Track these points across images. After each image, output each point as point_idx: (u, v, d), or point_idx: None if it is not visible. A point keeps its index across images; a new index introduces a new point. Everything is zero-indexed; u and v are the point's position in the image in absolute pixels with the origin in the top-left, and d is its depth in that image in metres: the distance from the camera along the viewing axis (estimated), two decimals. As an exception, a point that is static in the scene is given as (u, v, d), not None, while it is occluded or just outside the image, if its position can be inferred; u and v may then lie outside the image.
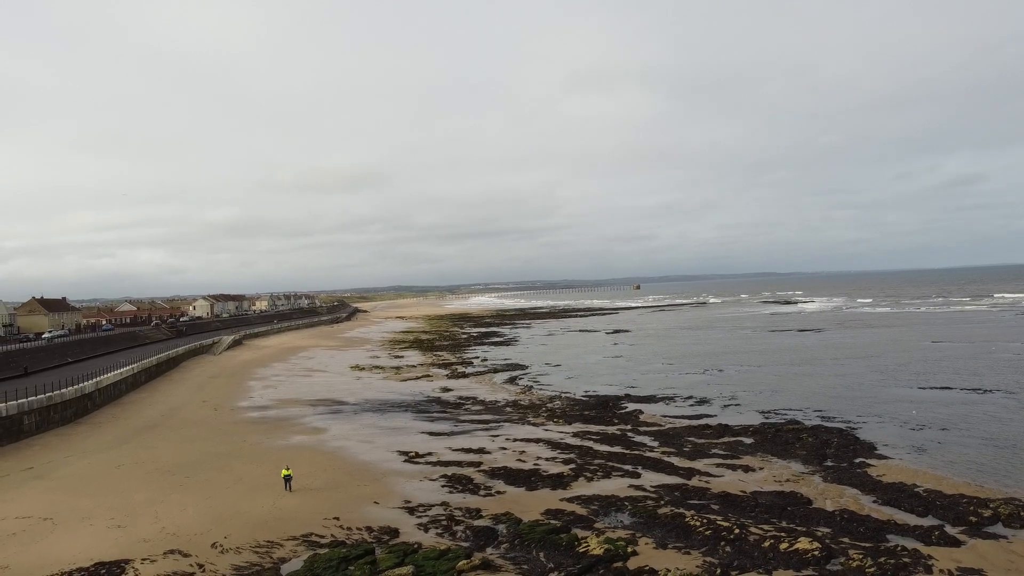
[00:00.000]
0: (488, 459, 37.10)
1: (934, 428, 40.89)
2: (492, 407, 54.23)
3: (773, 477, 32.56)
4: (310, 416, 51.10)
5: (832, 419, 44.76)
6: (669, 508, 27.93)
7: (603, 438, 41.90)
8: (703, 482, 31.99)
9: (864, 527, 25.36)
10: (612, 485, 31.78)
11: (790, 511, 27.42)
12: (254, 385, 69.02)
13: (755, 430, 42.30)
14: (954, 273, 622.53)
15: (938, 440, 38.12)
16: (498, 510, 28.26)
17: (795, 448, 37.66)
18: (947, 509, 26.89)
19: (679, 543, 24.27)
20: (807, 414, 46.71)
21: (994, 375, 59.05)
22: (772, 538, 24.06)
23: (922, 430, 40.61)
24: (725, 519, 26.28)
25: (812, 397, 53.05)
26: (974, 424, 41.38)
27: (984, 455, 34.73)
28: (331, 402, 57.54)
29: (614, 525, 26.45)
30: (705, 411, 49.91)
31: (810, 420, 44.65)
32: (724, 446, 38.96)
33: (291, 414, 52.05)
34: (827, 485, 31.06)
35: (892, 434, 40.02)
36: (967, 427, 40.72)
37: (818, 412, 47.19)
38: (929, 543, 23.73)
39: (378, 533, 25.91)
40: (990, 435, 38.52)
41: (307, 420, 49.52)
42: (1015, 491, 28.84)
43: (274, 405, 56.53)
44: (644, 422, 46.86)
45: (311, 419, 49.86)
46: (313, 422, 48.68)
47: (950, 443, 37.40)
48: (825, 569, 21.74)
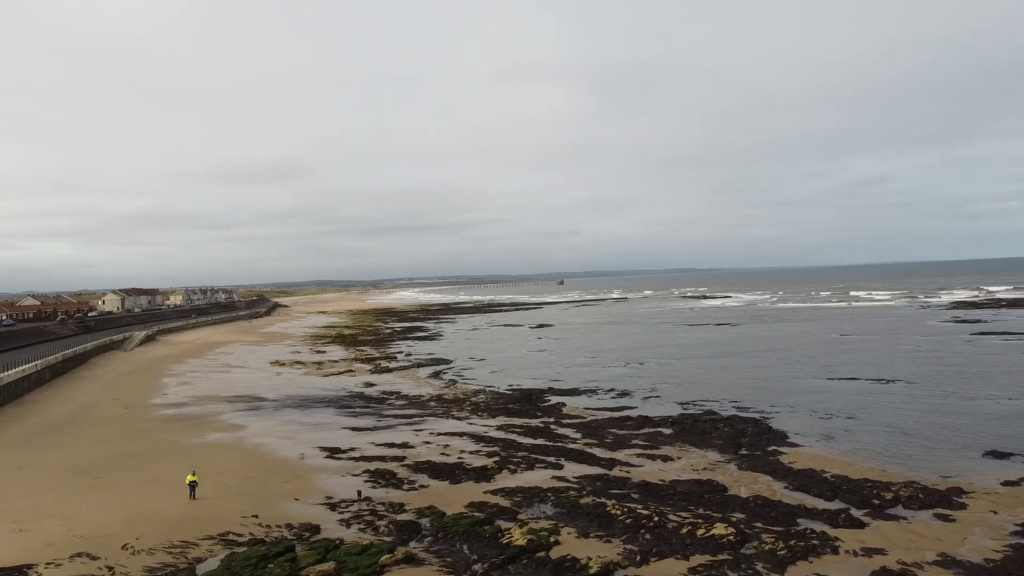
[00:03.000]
0: (412, 453, 36.91)
1: (841, 416, 42.76)
2: (416, 402, 53.95)
3: (691, 466, 33.47)
4: (228, 413, 49.73)
5: (747, 409, 46.28)
6: (591, 498, 28.39)
7: (527, 431, 42.24)
8: (624, 472, 32.62)
9: (776, 512, 26.34)
10: (535, 477, 32.09)
11: (707, 498, 28.25)
12: (169, 382, 66.71)
13: (674, 421, 43.37)
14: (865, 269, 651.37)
15: (845, 428, 39.89)
16: (422, 504, 28.17)
17: (712, 438, 38.79)
18: (853, 493, 28.19)
19: (601, 532, 24.70)
20: (723, 405, 48.14)
21: (896, 366, 62.14)
22: (690, 525, 24.75)
23: (830, 418, 42.42)
24: (645, 507, 26.88)
25: (728, 388, 54.71)
26: (878, 412, 43.47)
27: (887, 441, 36.54)
28: (250, 398, 56.14)
29: (537, 516, 26.72)
30: (626, 403, 50.87)
31: (726, 410, 46.05)
32: (644, 437, 39.81)
33: (208, 411, 50.55)
34: (742, 473, 32.12)
35: (803, 423, 41.65)
36: (871, 415, 42.74)
37: (734, 403, 48.71)
38: (836, 525, 24.83)
39: (299, 530, 25.46)
40: (892, 422, 40.53)
41: (225, 417, 48.19)
42: (914, 475, 30.44)
43: (190, 402, 54.78)
44: (567, 415, 47.45)
45: (229, 416, 48.54)
46: (232, 419, 47.41)
47: (856, 430, 39.19)
48: (739, 553, 22.48)
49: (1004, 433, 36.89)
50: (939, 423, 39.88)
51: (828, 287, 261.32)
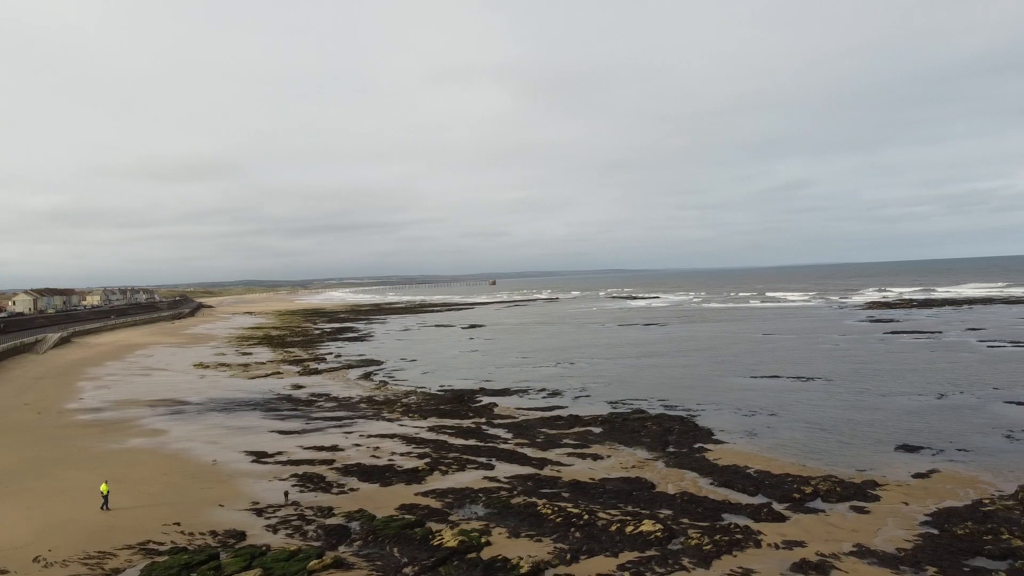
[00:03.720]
0: (341, 456, 36.40)
1: (764, 414, 44.08)
2: (346, 403, 53.22)
3: (620, 464, 33.98)
4: (149, 417, 48.07)
5: (674, 407, 47.25)
6: (522, 498, 28.53)
7: (458, 431, 42.16)
8: (555, 471, 32.89)
9: (702, 508, 26.98)
10: (467, 477, 32.06)
11: (635, 495, 28.73)
12: (85, 386, 64.05)
13: (604, 420, 43.96)
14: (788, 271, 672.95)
15: (767, 425, 41.13)
16: (351, 507, 27.81)
17: (641, 436, 39.47)
18: (775, 488, 29.09)
19: (532, 531, 24.85)
20: (652, 403, 49.02)
21: (815, 364, 64.42)
22: (619, 522, 25.12)
23: (753, 416, 43.67)
24: (575, 506, 27.17)
25: (656, 387, 55.75)
26: (798, 409, 44.97)
27: (806, 437, 37.83)
28: (173, 402, 54.39)
29: (469, 517, 26.70)
30: (557, 403, 51.30)
31: (654, 409, 46.91)
32: (575, 436, 40.22)
33: (128, 416, 48.75)
34: (669, 470, 32.78)
35: (728, 420, 42.76)
36: (792, 412, 44.19)
37: (662, 401, 49.66)
38: (759, 520, 25.60)
39: (223, 537, 24.79)
40: (811, 419, 41.99)
41: (146, 421, 46.56)
42: (832, 469, 31.61)
43: (108, 407, 52.72)
44: (499, 415, 47.57)
45: (150, 420, 46.93)
46: (152, 423, 45.84)
47: (777, 427, 40.46)
48: (667, 549, 22.94)
49: (914, 428, 38.66)
50: (855, 419, 41.50)
51: (751, 288, 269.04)
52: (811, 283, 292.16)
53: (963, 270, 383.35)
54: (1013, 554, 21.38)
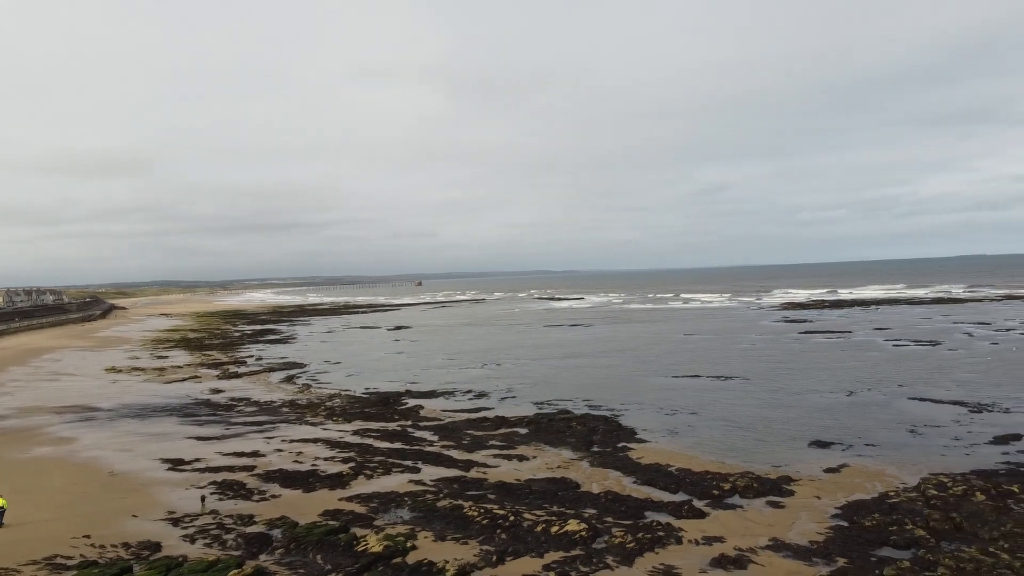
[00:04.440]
0: (263, 462, 35.54)
1: (685, 413, 45.15)
2: (267, 407, 52.00)
3: (546, 464, 34.26)
4: (57, 425, 45.89)
5: (599, 407, 47.93)
6: (448, 500, 28.44)
7: (383, 435, 41.73)
8: (481, 473, 32.92)
9: (625, 506, 27.46)
10: (392, 481, 31.76)
11: (561, 495, 29.02)
12: (-14, 392, 60.66)
13: (530, 420, 44.24)
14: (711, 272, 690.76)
15: (688, 423, 42.15)
16: (273, 514, 27.19)
17: (566, 436, 39.89)
18: (695, 485, 29.84)
19: (458, 534, 24.80)
20: (577, 404, 49.60)
21: (733, 364, 66.37)
22: (544, 522, 25.33)
23: (675, 415, 44.69)
24: (501, 507, 27.25)
25: (581, 388, 56.44)
26: (717, 408, 46.24)
27: (725, 435, 38.93)
28: (83, 408, 52.07)
29: (394, 521, 26.47)
30: (483, 404, 51.36)
31: (579, 409, 47.48)
32: (501, 437, 40.35)
33: (33, 423, 46.42)
34: (594, 469, 33.24)
35: (650, 419, 43.63)
36: (712, 411, 45.40)
37: (586, 401, 50.30)
38: (680, 516, 26.22)
39: (137, 549, 23.88)
40: (730, 417, 43.24)
41: (53, 429, 44.42)
42: (749, 465, 32.63)
43: (12, 414, 50.09)
44: (424, 417, 47.31)
45: (58, 428, 44.81)
46: (60, 431, 43.78)
47: (698, 426, 41.51)
48: (591, 548, 23.25)
49: (826, 424, 40.26)
50: (771, 417, 42.95)
51: (674, 289, 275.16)
52: (730, 284, 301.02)
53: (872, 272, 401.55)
54: (916, 543, 22.50)
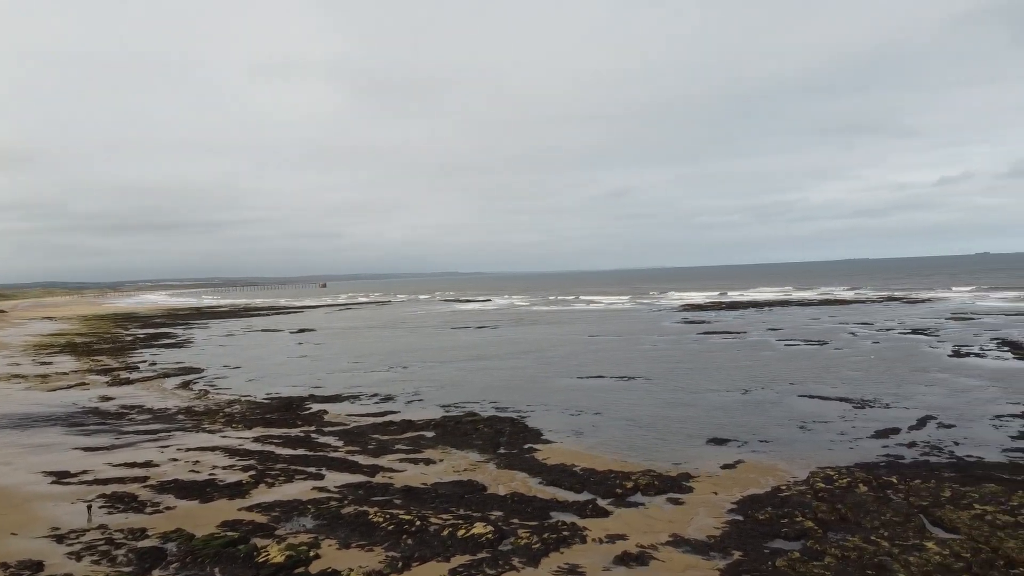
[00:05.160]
0: (156, 472, 34.03)
1: (589, 413, 45.97)
2: (162, 415, 49.83)
3: (452, 468, 34.22)
4: (-76, 438, 42.57)
5: (506, 409, 48.23)
6: (353, 507, 28.00)
7: (286, 441, 40.70)
8: (387, 478, 32.57)
9: (531, 507, 27.73)
10: (295, 489, 31.02)
11: (467, 498, 29.04)
12: None
13: (437, 423, 44.08)
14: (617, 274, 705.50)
15: (593, 424, 42.95)
16: (167, 527, 26.07)
17: (473, 438, 39.95)
18: (599, 484, 30.44)
19: (362, 541, 24.45)
20: (484, 406, 49.75)
21: (636, 364, 68.05)
22: (451, 526, 25.29)
23: (580, 415, 45.45)
24: (407, 512, 27.04)
25: (488, 390, 56.65)
26: (620, 408, 47.29)
27: (628, 434, 39.88)
28: (-46, 420, 48.47)
29: (297, 530, 25.85)
30: (390, 408, 50.83)
31: (486, 411, 47.64)
32: (407, 441, 40.04)
33: None
34: (500, 471, 33.42)
35: (556, 420, 44.23)
36: (615, 411, 46.40)
37: (493, 403, 50.52)
38: (584, 516, 26.68)
39: (16, 569, 22.42)
40: (633, 416, 44.31)
41: (-80, 443, 41.18)
42: (651, 464, 33.53)
43: None
44: (329, 422, 46.41)
45: (-74, 441, 41.57)
46: (-72, 445, 40.63)
47: (602, 425, 42.35)
48: (497, 550, 23.37)
49: (722, 422, 41.80)
50: (671, 415, 44.25)
51: (580, 291, 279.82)
52: (633, 287, 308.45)
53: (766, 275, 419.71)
54: (805, 534, 23.67)
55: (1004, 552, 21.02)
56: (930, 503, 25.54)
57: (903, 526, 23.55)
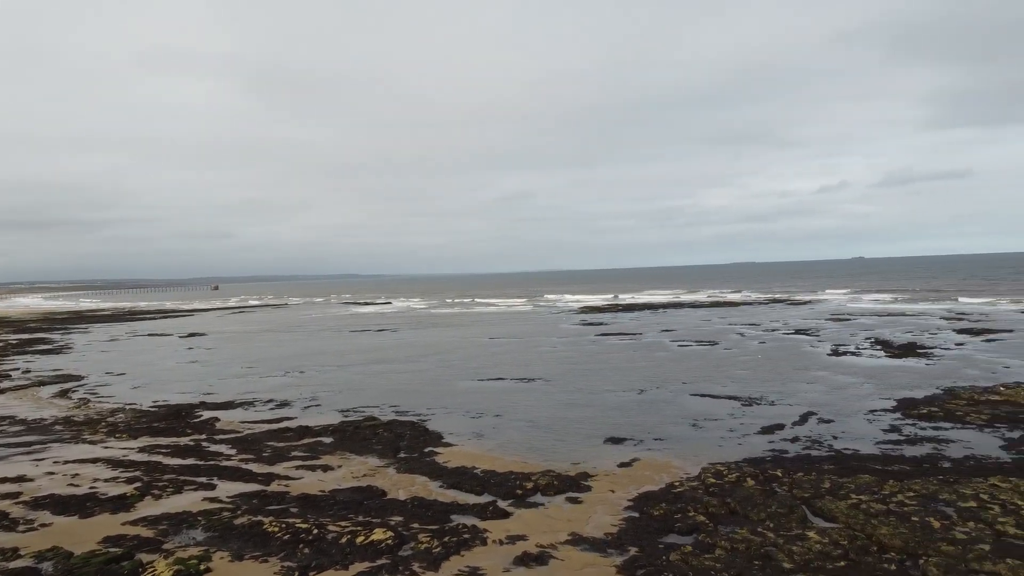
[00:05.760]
0: (30, 488, 31.93)
1: (490, 415, 46.17)
2: (37, 426, 46.77)
3: (351, 473, 33.65)
4: None
5: (406, 413, 47.82)
6: (247, 517, 27.12)
7: (175, 450, 38.97)
8: (283, 486, 31.71)
9: (432, 511, 27.61)
10: (184, 500, 29.76)
11: (367, 504, 28.63)
12: None
13: (335, 429, 43.25)
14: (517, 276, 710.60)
15: (493, 425, 43.15)
16: (43, 545, 24.50)
17: (372, 443, 39.41)
18: (499, 486, 30.61)
19: (257, 552, 23.72)
20: (383, 410, 49.17)
21: (535, 366, 68.82)
22: (349, 533, 24.86)
23: (481, 417, 45.58)
24: (304, 521, 26.41)
25: (389, 393, 56.02)
26: (520, 409, 47.72)
27: (528, 435, 40.28)
28: None
29: (186, 543, 24.80)
30: (286, 414, 49.50)
31: (386, 415, 47.11)
32: (305, 447, 39.10)
33: None
34: (400, 475, 33.12)
35: (457, 423, 44.19)
36: (515, 412, 46.79)
37: (393, 407, 50.00)
38: (485, 518, 26.77)
39: None
40: (533, 418, 44.79)
41: None
42: (550, 464, 33.98)
43: None
44: (221, 430, 44.75)
45: None
46: None
47: (502, 427, 42.62)
48: (397, 556, 23.15)
49: (619, 422, 42.83)
50: (570, 416, 44.99)
51: (481, 293, 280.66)
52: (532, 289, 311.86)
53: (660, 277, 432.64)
54: (697, 528, 24.54)
55: (877, 538, 22.45)
56: (811, 494, 26.98)
57: (787, 517, 24.78)
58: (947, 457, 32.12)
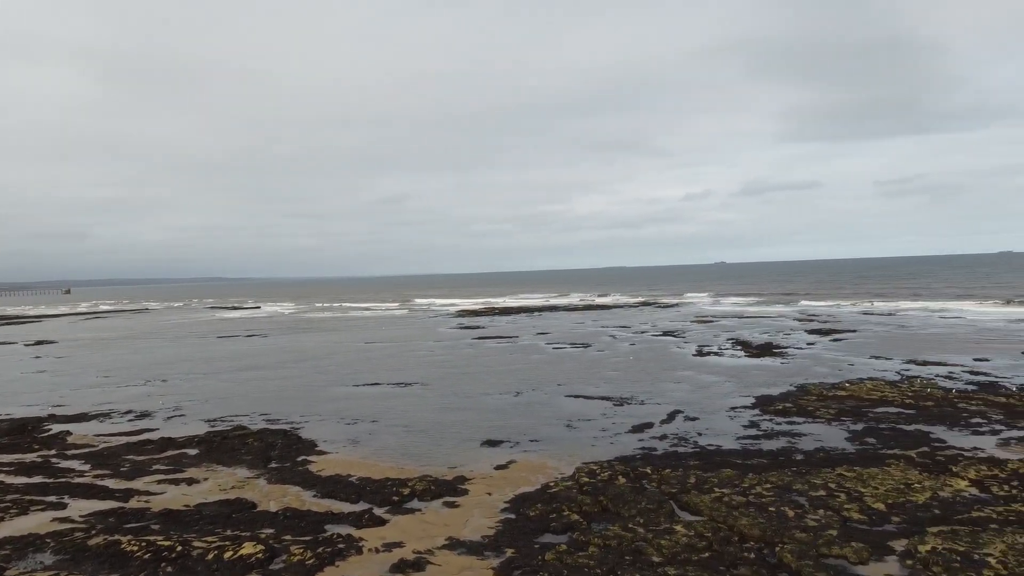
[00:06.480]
0: None
1: (366, 421, 45.45)
2: None
3: (219, 486, 32.23)
4: None
5: (278, 421, 46.30)
6: (103, 537, 25.42)
7: (19, 468, 36.00)
8: (143, 502, 29.96)
9: (305, 521, 26.86)
10: (30, 522, 27.55)
11: (235, 518, 27.50)
12: None
13: (201, 440, 41.28)
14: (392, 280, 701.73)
15: (369, 431, 42.50)
16: None
17: (241, 454, 37.90)
18: (375, 493, 30.17)
19: (114, 573, 22.29)
20: (254, 419, 47.41)
21: (412, 370, 68.36)
22: (216, 549, 23.79)
23: (356, 424, 44.77)
24: (167, 538, 25.05)
25: (259, 401, 54.06)
26: (397, 414, 47.25)
27: (405, 440, 39.92)
28: None
29: (33, 568, 22.97)
30: (147, 425, 46.79)
31: (256, 424, 45.44)
32: (167, 460, 37.10)
33: None
34: (272, 486, 32.02)
35: (331, 430, 43.21)
36: (392, 417, 46.28)
37: (264, 416, 48.30)
38: (360, 526, 26.31)
39: None
40: (409, 422, 44.44)
41: None
42: (427, 469, 33.82)
43: None
44: (73, 444, 41.74)
45: None
46: None
47: (379, 432, 42.04)
48: (269, 569, 22.36)
49: (496, 424, 43.20)
50: (447, 420, 44.96)
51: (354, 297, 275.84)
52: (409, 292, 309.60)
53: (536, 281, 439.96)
54: (572, 527, 25.11)
55: (738, 529, 23.73)
56: (678, 490, 28.19)
57: (656, 512, 25.77)
58: (800, 450, 34.41)
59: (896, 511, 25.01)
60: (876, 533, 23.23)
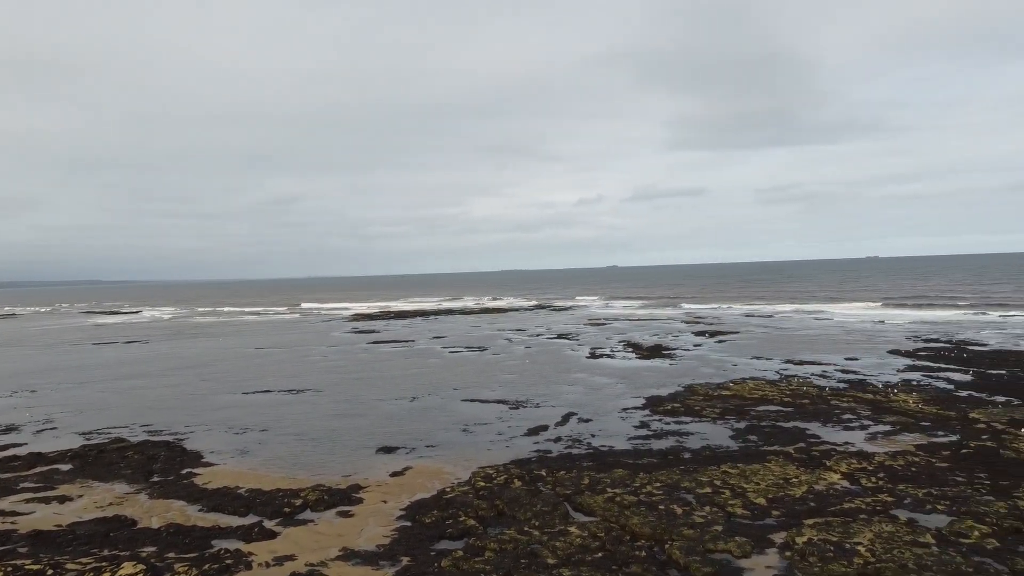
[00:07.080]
0: None
1: (256, 430, 43.98)
2: None
3: (95, 503, 30.44)
4: None
5: (160, 432, 44.16)
6: (-38, 563, 23.52)
7: None
8: (9, 523, 27.91)
9: (190, 538, 25.72)
10: None
11: (113, 536, 26.04)
12: None
13: (75, 454, 38.85)
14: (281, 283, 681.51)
15: (259, 441, 41.15)
16: None
17: (120, 468, 35.93)
18: (266, 505, 29.24)
19: (-25, 602, 20.67)
20: (134, 430, 45.04)
21: (305, 376, 66.69)
22: (93, 570, 22.47)
23: (245, 433, 43.27)
24: (36, 561, 23.45)
25: (140, 412, 51.37)
26: (288, 422, 45.97)
27: (297, 449, 38.89)
28: None
29: None
30: (13, 440, 43.64)
31: (137, 436, 43.19)
32: (37, 477, 34.71)
33: None
34: (153, 502, 30.51)
35: (219, 440, 41.58)
36: (283, 426, 44.99)
37: (145, 427, 45.96)
38: (250, 540, 25.43)
39: None
40: (302, 431, 43.33)
41: None
42: (321, 478, 33.07)
43: None
44: (-73, 463, 38.42)
45: None
46: None
47: (269, 442, 40.77)
48: (150, 590, 21.27)
49: (392, 430, 42.73)
50: (342, 427, 44.12)
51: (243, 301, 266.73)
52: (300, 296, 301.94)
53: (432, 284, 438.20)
54: (468, 532, 25.13)
55: (630, 528, 24.39)
56: (573, 491, 28.70)
57: (551, 514, 26.14)
58: (687, 448, 35.71)
59: (776, 505, 26.35)
60: (758, 527, 24.40)
